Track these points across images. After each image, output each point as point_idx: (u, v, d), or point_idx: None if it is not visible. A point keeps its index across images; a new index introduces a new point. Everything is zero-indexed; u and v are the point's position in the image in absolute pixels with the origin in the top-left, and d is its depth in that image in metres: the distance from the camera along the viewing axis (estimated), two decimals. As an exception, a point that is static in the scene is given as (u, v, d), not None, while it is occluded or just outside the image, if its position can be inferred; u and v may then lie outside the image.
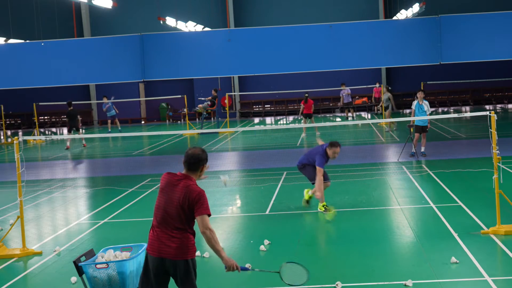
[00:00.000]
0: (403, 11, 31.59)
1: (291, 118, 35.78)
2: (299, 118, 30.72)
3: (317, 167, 10.84)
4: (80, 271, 6.51)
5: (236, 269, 5.59)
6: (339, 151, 10.95)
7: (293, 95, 36.16)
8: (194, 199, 5.47)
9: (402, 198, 12.14)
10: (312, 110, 24.79)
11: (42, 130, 37.00)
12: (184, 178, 5.60)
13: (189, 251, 5.52)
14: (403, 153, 17.32)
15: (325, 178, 11.27)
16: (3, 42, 28.65)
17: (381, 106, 25.83)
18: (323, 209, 10.99)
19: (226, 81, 38.05)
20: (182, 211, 5.49)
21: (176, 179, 5.61)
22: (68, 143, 24.72)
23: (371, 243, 9.07)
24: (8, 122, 37.87)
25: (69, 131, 24.26)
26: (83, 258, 6.60)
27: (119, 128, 30.62)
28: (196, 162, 5.66)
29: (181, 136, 26.71)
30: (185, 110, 29.86)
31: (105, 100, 29.79)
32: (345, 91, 31.11)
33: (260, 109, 38.63)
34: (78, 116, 24.25)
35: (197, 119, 35.61)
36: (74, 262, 6.50)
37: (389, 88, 25.50)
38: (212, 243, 5.45)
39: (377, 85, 32.23)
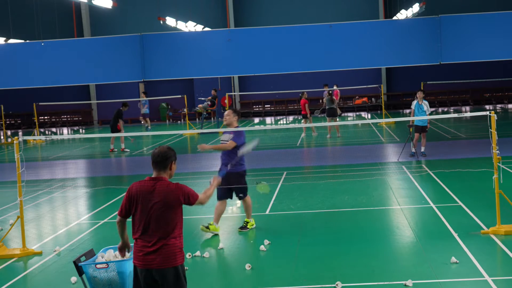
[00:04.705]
0: (403, 11, 31.58)
1: (291, 118, 35.79)
2: (299, 118, 30.67)
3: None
4: (80, 271, 6.51)
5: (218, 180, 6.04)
6: (226, 113, 10.05)
7: (293, 95, 36.14)
8: (179, 195, 5.40)
9: (402, 198, 12.14)
10: (307, 110, 24.15)
11: (42, 130, 37.00)
12: (157, 181, 5.44)
13: (176, 257, 5.38)
14: (403, 153, 17.31)
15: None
16: (3, 42, 28.66)
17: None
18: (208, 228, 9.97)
19: (226, 81, 38.05)
20: (165, 215, 5.36)
21: (149, 185, 5.43)
22: (112, 146, 22.63)
23: (371, 243, 9.07)
24: (8, 122, 37.87)
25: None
26: (83, 258, 6.60)
27: (149, 127, 30.90)
28: (164, 159, 5.47)
29: (181, 136, 26.70)
30: (185, 110, 29.86)
31: (144, 97, 29.95)
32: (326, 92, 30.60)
33: (260, 109, 38.64)
34: (120, 120, 22.06)
35: (197, 119, 35.61)
36: (74, 262, 6.50)
37: (330, 92, 24.50)
38: (207, 199, 5.66)
39: (335, 87, 32.09)
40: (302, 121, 24.87)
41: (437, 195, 12.10)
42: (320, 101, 34.66)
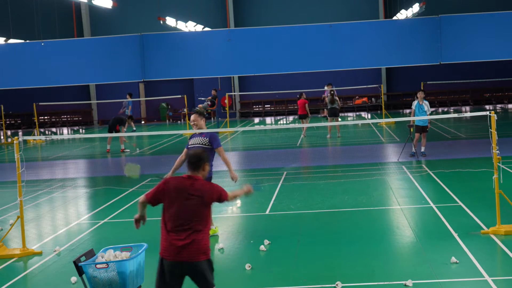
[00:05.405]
0: (403, 11, 31.59)
1: (291, 118, 35.78)
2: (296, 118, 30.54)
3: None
4: (80, 271, 6.51)
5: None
6: (191, 119, 9.57)
7: (293, 95, 36.12)
8: (213, 194, 5.80)
9: (402, 198, 12.14)
10: (306, 110, 24.00)
11: (42, 130, 37.00)
12: (194, 180, 5.81)
13: (206, 251, 5.70)
14: (403, 153, 17.31)
15: None
16: (3, 42, 28.65)
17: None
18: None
19: (226, 81, 38.05)
20: (199, 212, 5.69)
21: (187, 183, 5.78)
22: (108, 146, 22.47)
23: (371, 243, 9.07)
24: (8, 122, 37.87)
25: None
26: (83, 258, 6.60)
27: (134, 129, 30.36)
28: (197, 161, 5.85)
29: (181, 136, 26.71)
30: (185, 110, 29.85)
31: (128, 98, 29.30)
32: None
33: (260, 109, 38.64)
34: (122, 127, 21.62)
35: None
36: (74, 262, 6.49)
37: (332, 92, 24.16)
38: (233, 199, 6.16)
39: (326, 87, 31.74)
40: (301, 121, 24.76)
41: (437, 195, 12.10)
42: (323, 100, 34.64)
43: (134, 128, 29.70)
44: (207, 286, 5.72)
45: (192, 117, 9.51)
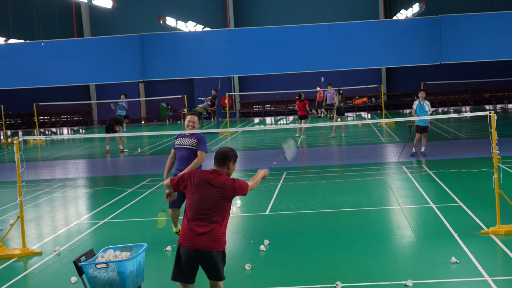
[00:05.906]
0: (403, 11, 31.58)
1: (291, 118, 35.78)
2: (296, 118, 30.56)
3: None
4: (80, 271, 6.50)
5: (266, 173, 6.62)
6: (189, 119, 9.18)
7: (293, 95, 36.11)
8: (235, 190, 6.05)
9: (402, 198, 12.14)
10: (307, 110, 24.18)
11: (42, 130, 37.00)
12: (218, 174, 6.08)
13: (222, 243, 5.95)
14: (403, 153, 17.32)
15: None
16: (3, 42, 28.65)
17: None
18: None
19: (226, 81, 38.05)
20: (219, 204, 5.94)
21: (211, 176, 6.05)
22: (108, 147, 22.67)
23: (371, 243, 9.07)
24: (8, 122, 37.86)
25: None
26: (83, 258, 6.59)
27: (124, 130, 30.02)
28: (223, 158, 6.13)
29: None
30: (185, 110, 29.85)
31: (123, 98, 28.88)
32: (331, 91, 30.34)
33: (260, 109, 38.63)
34: (119, 126, 21.83)
35: (197, 119, 35.51)
36: (74, 262, 6.49)
37: (341, 91, 24.10)
38: (255, 185, 6.39)
39: (318, 88, 31.71)
40: (302, 121, 24.74)
41: (437, 195, 12.10)
42: (319, 100, 34.62)
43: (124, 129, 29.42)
44: (219, 277, 5.98)
45: (191, 117, 9.11)
